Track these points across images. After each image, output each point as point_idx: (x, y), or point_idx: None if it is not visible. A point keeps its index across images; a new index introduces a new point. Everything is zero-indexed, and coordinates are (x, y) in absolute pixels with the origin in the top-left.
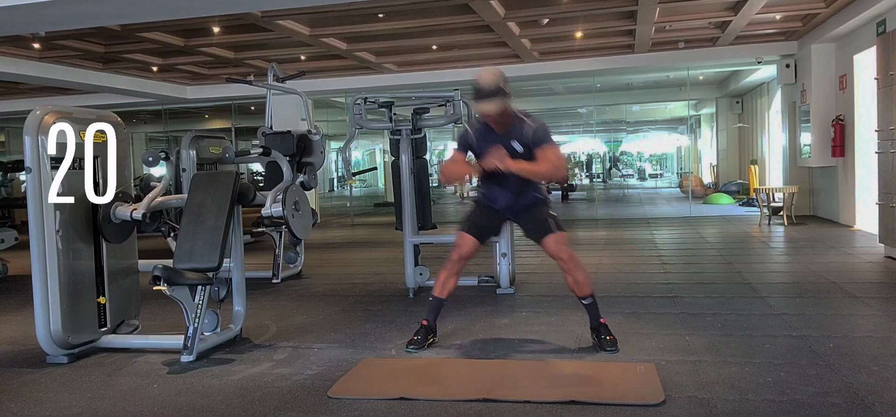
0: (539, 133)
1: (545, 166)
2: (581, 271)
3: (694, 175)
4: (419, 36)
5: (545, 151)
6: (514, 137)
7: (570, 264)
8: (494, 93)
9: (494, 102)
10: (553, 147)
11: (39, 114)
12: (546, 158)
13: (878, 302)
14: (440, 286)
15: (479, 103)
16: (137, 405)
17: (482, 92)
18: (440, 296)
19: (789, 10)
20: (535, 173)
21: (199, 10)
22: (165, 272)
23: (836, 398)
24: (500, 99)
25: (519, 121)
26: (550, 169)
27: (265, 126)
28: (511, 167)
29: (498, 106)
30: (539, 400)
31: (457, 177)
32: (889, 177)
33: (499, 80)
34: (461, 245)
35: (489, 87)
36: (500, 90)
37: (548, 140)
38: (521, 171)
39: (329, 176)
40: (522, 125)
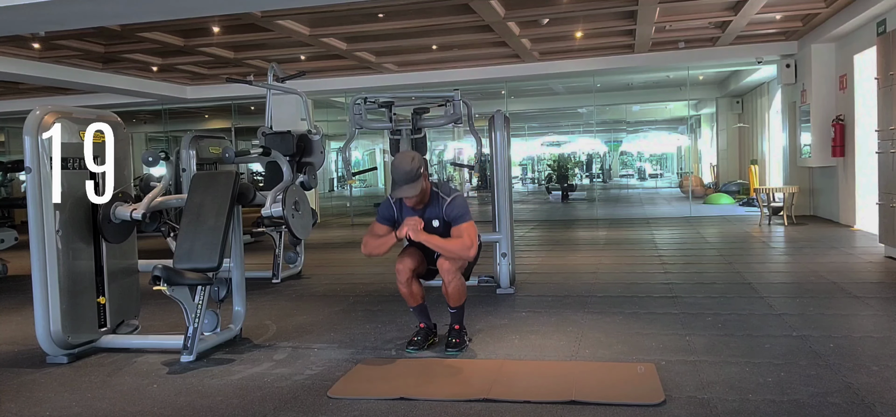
0: (454, 210)
1: (456, 244)
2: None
3: (694, 175)
4: (419, 36)
5: (460, 228)
6: (433, 214)
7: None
8: (411, 179)
9: (415, 187)
10: (467, 224)
11: (39, 114)
12: (458, 234)
13: (878, 302)
14: (409, 298)
15: (400, 189)
16: (137, 405)
17: (399, 178)
18: (416, 304)
19: (789, 9)
20: (446, 249)
21: (199, 10)
22: (165, 272)
23: (836, 398)
24: (415, 186)
25: (436, 197)
26: (460, 248)
27: (265, 126)
28: (421, 238)
29: (418, 189)
30: (539, 400)
31: (378, 249)
32: (889, 177)
33: (416, 166)
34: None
35: (405, 174)
36: (416, 176)
37: (462, 218)
38: (430, 243)
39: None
40: (440, 201)
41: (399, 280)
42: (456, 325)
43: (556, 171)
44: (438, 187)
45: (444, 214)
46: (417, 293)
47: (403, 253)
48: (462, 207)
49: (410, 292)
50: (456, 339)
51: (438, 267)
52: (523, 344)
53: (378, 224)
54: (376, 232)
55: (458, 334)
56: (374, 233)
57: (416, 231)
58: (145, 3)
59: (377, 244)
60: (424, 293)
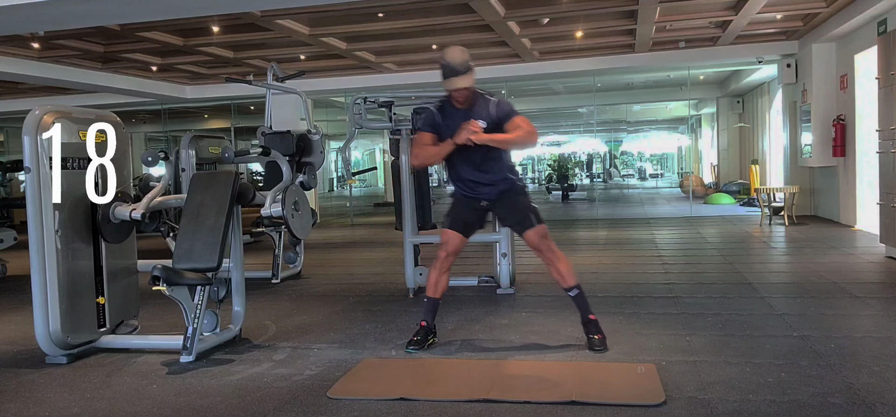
0: (504, 107)
1: (517, 134)
2: (563, 261)
3: (694, 175)
4: (419, 36)
5: (514, 121)
6: (478, 115)
7: (550, 255)
8: (466, 70)
9: (466, 79)
10: (521, 116)
11: (39, 114)
12: (517, 126)
13: (879, 302)
14: (433, 286)
15: (451, 80)
16: (137, 405)
17: (454, 69)
18: (434, 296)
19: (790, 9)
20: (509, 142)
21: (199, 10)
22: (165, 272)
23: (837, 398)
24: (470, 76)
25: (481, 98)
26: (523, 136)
27: (265, 126)
28: (484, 139)
29: (470, 82)
30: (539, 400)
31: (433, 158)
32: (890, 177)
33: (467, 57)
34: (447, 242)
35: (460, 64)
36: (469, 67)
37: (513, 111)
38: (495, 141)
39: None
40: (486, 102)
41: (436, 264)
42: (591, 315)
43: (557, 171)
44: (482, 89)
45: (493, 113)
46: (443, 285)
47: (448, 234)
48: (510, 104)
49: (439, 280)
50: (597, 334)
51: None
52: (523, 344)
53: (424, 133)
54: (424, 140)
55: (597, 327)
56: (421, 143)
57: (477, 134)
58: (145, 3)
59: (432, 153)
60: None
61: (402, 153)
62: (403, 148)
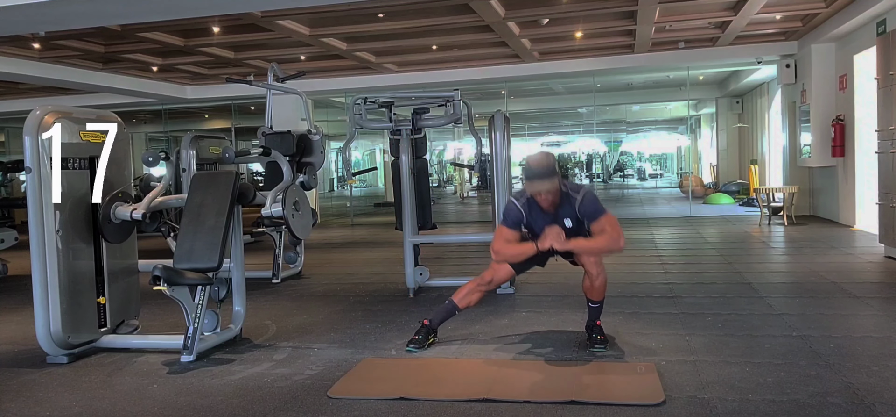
0: (588, 207)
1: (603, 241)
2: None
3: (694, 175)
4: (419, 36)
5: (600, 223)
6: (564, 214)
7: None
8: (548, 175)
9: (548, 184)
10: (607, 217)
11: (39, 114)
12: (603, 231)
13: (878, 302)
14: (463, 297)
15: (533, 184)
16: (137, 405)
17: (536, 173)
18: (458, 305)
19: (789, 10)
20: (593, 249)
21: (199, 10)
22: (165, 272)
23: (836, 398)
24: (552, 181)
25: (567, 198)
26: (609, 243)
27: (265, 126)
28: (568, 247)
29: (551, 188)
30: (539, 400)
31: (516, 259)
32: (889, 177)
33: (552, 162)
34: (498, 270)
35: (543, 169)
36: (553, 172)
37: (600, 212)
38: (579, 248)
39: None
40: (570, 200)
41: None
42: (598, 321)
43: None
44: (567, 186)
45: (578, 212)
46: (472, 302)
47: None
48: (595, 201)
49: (470, 296)
50: (601, 336)
51: (583, 262)
52: (523, 344)
53: (507, 229)
54: (507, 237)
55: (602, 330)
56: (504, 238)
57: (561, 240)
58: (145, 3)
59: (516, 252)
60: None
61: (402, 153)
62: (403, 148)
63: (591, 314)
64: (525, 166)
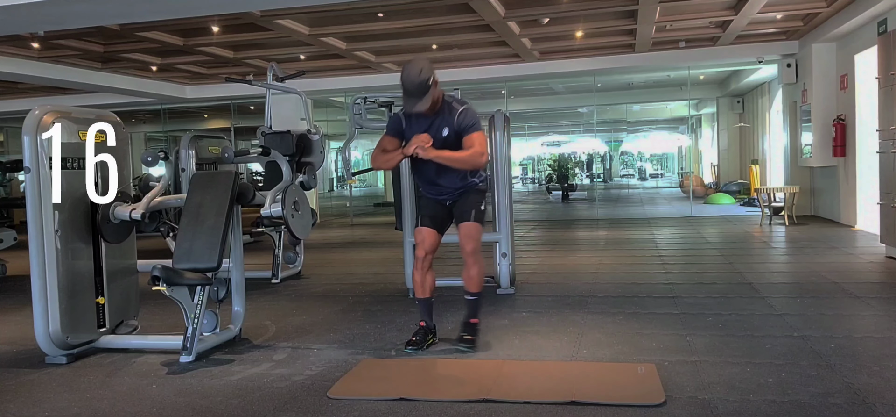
0: (466, 120)
1: (465, 154)
2: (477, 267)
3: (695, 175)
4: (419, 35)
5: (471, 137)
6: (443, 123)
7: (469, 257)
8: (425, 91)
9: (426, 101)
10: (477, 134)
11: (39, 114)
12: (470, 144)
13: (879, 302)
14: (419, 287)
15: (410, 103)
16: (136, 405)
17: (410, 93)
18: (424, 296)
19: (790, 9)
20: (454, 160)
21: (199, 10)
22: (164, 272)
23: (837, 398)
24: (429, 94)
25: (448, 106)
26: (470, 157)
27: (264, 126)
28: (430, 155)
29: (427, 103)
30: (539, 400)
31: (386, 164)
32: (890, 177)
33: (426, 72)
34: (422, 241)
35: (418, 85)
36: (428, 86)
37: (475, 127)
38: (440, 158)
39: (329, 176)
40: (452, 110)
41: (416, 264)
42: (473, 319)
43: (557, 171)
44: (453, 97)
45: (456, 123)
46: (430, 284)
47: (421, 232)
48: (474, 116)
49: (423, 280)
50: (469, 335)
51: (461, 249)
52: (523, 344)
53: (387, 138)
54: (385, 146)
55: (473, 329)
56: (382, 147)
57: (424, 149)
58: (145, 3)
59: (385, 159)
60: (435, 288)
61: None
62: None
63: (467, 308)
64: (401, 77)
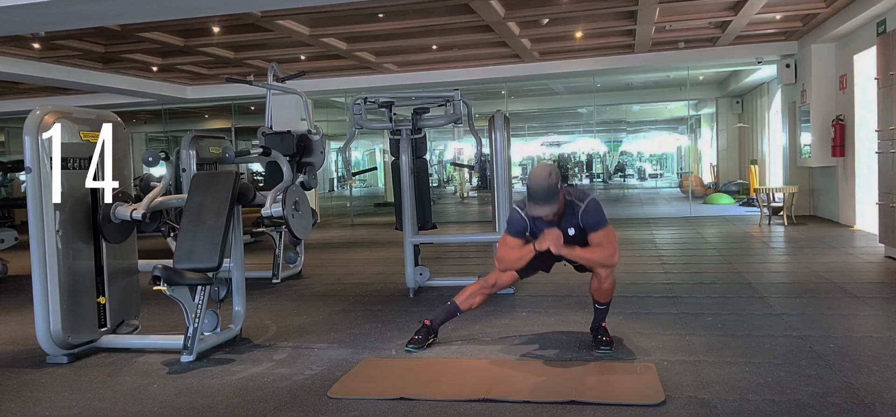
0: (591, 217)
1: (598, 253)
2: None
3: (694, 175)
4: (419, 36)
5: (598, 236)
6: (567, 224)
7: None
8: (549, 199)
9: (548, 208)
10: (606, 231)
11: (39, 114)
12: (599, 242)
13: (878, 302)
14: (466, 299)
15: (533, 208)
16: (137, 405)
17: (536, 197)
18: (461, 307)
19: (789, 9)
20: (589, 261)
21: (199, 10)
22: (165, 272)
23: (836, 398)
24: (553, 205)
25: (570, 206)
26: (603, 257)
27: (265, 126)
28: (563, 252)
29: (555, 207)
30: (539, 400)
31: (517, 265)
32: (889, 177)
33: (554, 182)
34: (502, 275)
35: (544, 192)
36: (554, 195)
37: (600, 224)
38: (574, 257)
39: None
40: (574, 209)
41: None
42: (603, 323)
43: None
44: (571, 193)
45: (581, 221)
46: (475, 304)
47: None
48: (597, 211)
49: (474, 297)
50: (606, 337)
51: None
52: (523, 344)
53: (511, 238)
54: (511, 245)
55: (607, 332)
56: (507, 246)
57: (557, 245)
58: (145, 3)
59: (516, 258)
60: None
61: (403, 153)
62: (403, 148)
63: (597, 315)
64: (527, 183)
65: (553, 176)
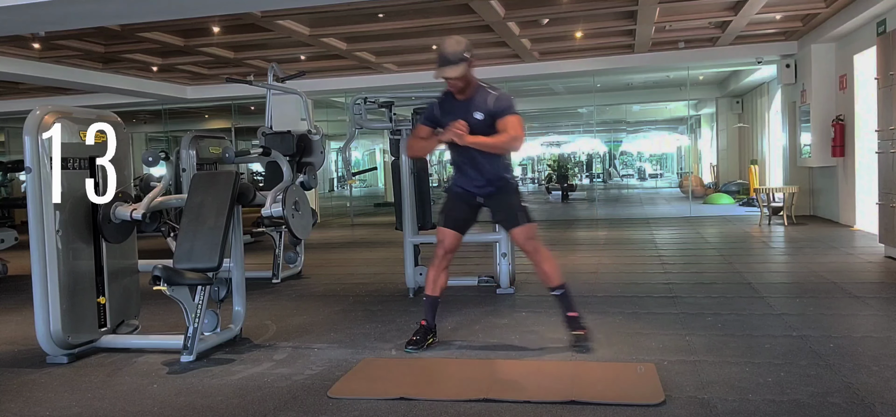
0: (502, 102)
1: (502, 138)
2: (549, 262)
3: (694, 175)
4: (419, 36)
5: (505, 120)
6: (476, 107)
7: (537, 256)
8: (458, 60)
9: (458, 68)
10: (514, 117)
11: (39, 114)
12: (505, 128)
13: (878, 302)
14: (431, 284)
15: (442, 69)
16: (137, 405)
17: (445, 58)
18: (433, 294)
19: (789, 9)
20: (492, 145)
21: (199, 10)
22: (165, 272)
23: (836, 398)
24: (463, 65)
25: (482, 90)
26: (507, 141)
27: (265, 126)
28: (466, 141)
29: (461, 71)
30: (539, 400)
31: (422, 151)
32: (889, 177)
33: (464, 47)
34: (443, 240)
35: (453, 53)
36: (463, 57)
37: (510, 110)
38: (478, 144)
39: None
40: (486, 95)
41: (433, 263)
42: (570, 312)
43: (556, 171)
44: (486, 83)
45: (491, 106)
46: (442, 283)
47: (443, 233)
48: (508, 99)
49: (437, 277)
50: (579, 329)
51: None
52: (523, 344)
53: (421, 126)
54: (420, 134)
55: (578, 324)
56: (417, 135)
57: (460, 135)
58: (145, 3)
59: (421, 146)
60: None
61: (403, 153)
62: (403, 148)
63: (560, 304)
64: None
65: (462, 44)
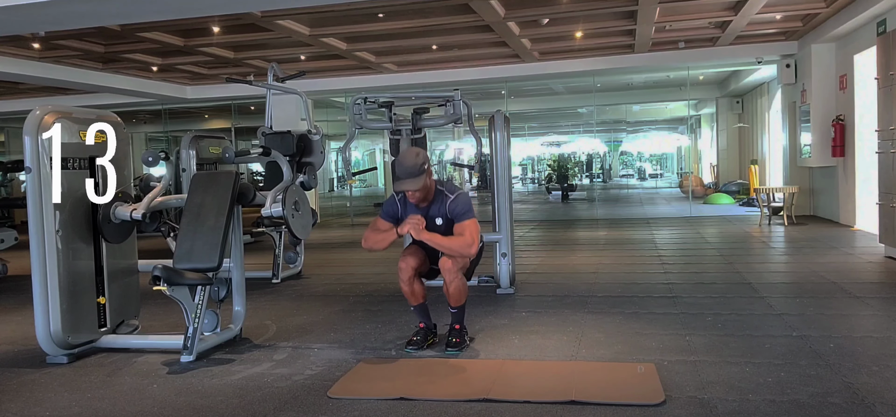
0: (458, 207)
1: (457, 242)
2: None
3: (694, 175)
4: (419, 36)
5: (461, 225)
6: (436, 213)
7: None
8: (418, 172)
9: (418, 180)
10: (470, 222)
11: (39, 114)
12: (461, 232)
13: (878, 302)
14: (410, 296)
15: (402, 183)
16: (137, 405)
17: (406, 171)
18: (417, 302)
19: (789, 9)
20: (448, 248)
21: (199, 10)
22: (165, 272)
23: (836, 398)
24: (423, 177)
25: (441, 195)
26: (461, 246)
27: (265, 126)
28: (423, 237)
29: (421, 183)
30: (539, 400)
31: (379, 244)
32: (889, 177)
33: (422, 159)
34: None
35: (412, 166)
36: (422, 169)
37: (465, 215)
38: (432, 242)
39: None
40: (444, 199)
41: (401, 278)
42: (456, 325)
43: (556, 171)
44: (443, 185)
45: (448, 210)
46: (419, 292)
47: (406, 252)
48: (465, 204)
49: (412, 290)
50: (456, 338)
51: (440, 266)
52: (523, 344)
53: (381, 220)
54: (379, 227)
55: (458, 333)
56: (376, 228)
57: (417, 229)
58: (145, 3)
59: (378, 239)
60: (426, 292)
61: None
62: (403, 148)
63: (452, 318)
64: (396, 161)
65: (420, 157)
